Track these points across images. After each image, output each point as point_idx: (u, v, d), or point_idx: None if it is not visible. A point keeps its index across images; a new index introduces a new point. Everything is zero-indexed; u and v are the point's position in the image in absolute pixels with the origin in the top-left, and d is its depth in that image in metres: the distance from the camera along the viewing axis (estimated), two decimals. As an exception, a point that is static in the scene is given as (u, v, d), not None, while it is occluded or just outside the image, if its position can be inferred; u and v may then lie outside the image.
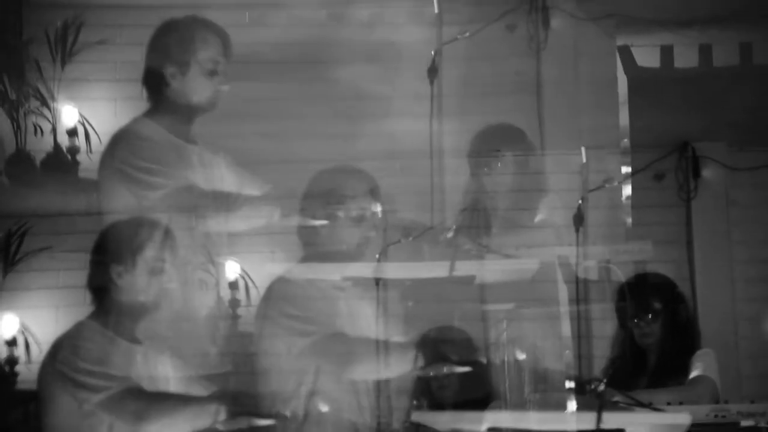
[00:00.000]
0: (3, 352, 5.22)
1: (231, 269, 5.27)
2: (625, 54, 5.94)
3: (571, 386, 3.42)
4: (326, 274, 3.91)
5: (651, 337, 4.45)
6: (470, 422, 3.56)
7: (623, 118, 5.82)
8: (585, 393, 3.43)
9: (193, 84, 4.01)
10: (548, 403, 3.49)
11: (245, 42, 4.23)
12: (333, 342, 3.78)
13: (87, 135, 5.44)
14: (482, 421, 3.49)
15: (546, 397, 3.52)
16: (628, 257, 4.36)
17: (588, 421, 3.27)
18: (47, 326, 5.11)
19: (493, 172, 4.67)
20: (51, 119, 5.47)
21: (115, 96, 5.48)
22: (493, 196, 4.65)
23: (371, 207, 3.93)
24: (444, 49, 4.81)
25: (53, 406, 3.54)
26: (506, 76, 5.67)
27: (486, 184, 4.68)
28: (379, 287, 3.70)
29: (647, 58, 6.01)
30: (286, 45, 5.45)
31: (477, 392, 3.83)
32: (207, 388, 3.73)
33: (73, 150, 5.41)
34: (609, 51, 5.83)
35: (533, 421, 3.49)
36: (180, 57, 3.99)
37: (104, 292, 3.67)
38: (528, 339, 3.66)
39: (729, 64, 5.99)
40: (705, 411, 3.69)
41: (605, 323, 4.48)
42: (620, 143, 5.76)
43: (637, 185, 5.86)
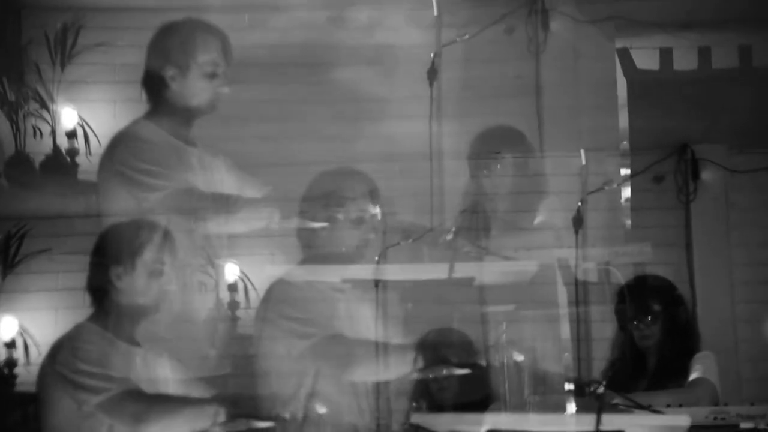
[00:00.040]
0: (2, 354, 5.22)
1: (230, 271, 5.27)
2: (625, 56, 5.94)
3: (571, 388, 3.42)
4: (326, 276, 3.91)
5: (650, 340, 4.44)
6: (470, 424, 3.56)
7: (622, 121, 5.82)
8: (584, 395, 3.43)
9: (193, 86, 4.00)
10: (548, 405, 3.49)
11: (245, 44, 4.23)
12: (332, 344, 3.78)
13: (86, 137, 5.44)
14: (482, 423, 3.50)
15: (545, 399, 3.53)
16: (628, 259, 4.35)
17: (587, 423, 3.27)
18: (46, 328, 5.11)
19: (493, 174, 4.67)
20: (50, 121, 5.47)
21: (115, 98, 5.48)
22: (493, 198, 4.65)
23: (371, 209, 3.92)
24: (443, 52, 4.82)
25: (52, 408, 3.54)
26: (506, 79, 5.68)
27: (485, 186, 4.67)
28: (379, 289, 3.70)
29: (646, 61, 6.01)
30: (286, 47, 5.44)
31: (476, 394, 3.83)
32: (206, 390, 3.73)
33: (73, 152, 5.42)
34: (608, 53, 5.83)
35: (533, 423, 3.49)
36: (180, 59, 3.99)
37: (103, 294, 3.66)
38: (527, 341, 3.66)
39: (728, 67, 5.98)
40: (704, 413, 3.69)
41: (605, 325, 4.48)
42: (619, 145, 5.76)
43: (637, 187, 5.85)
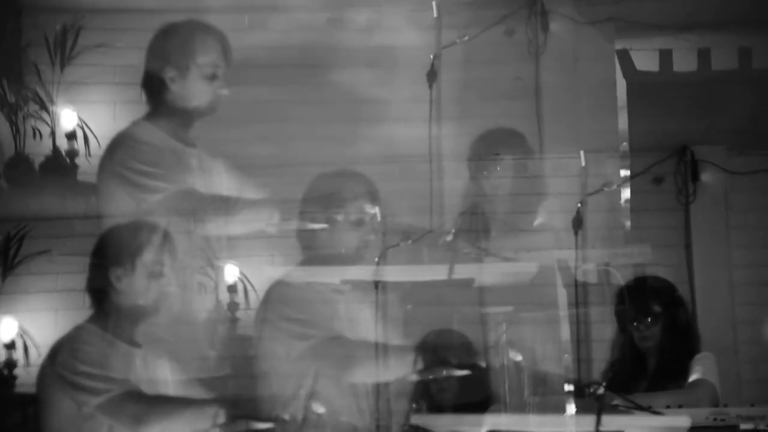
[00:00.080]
0: (2, 356, 5.22)
1: (230, 272, 5.27)
2: (624, 58, 5.93)
3: (571, 389, 3.42)
4: (325, 278, 3.91)
5: (650, 341, 4.44)
6: (470, 425, 3.57)
7: (622, 122, 5.82)
8: (584, 396, 3.43)
9: (193, 88, 4.00)
10: (547, 406, 3.49)
11: (244, 46, 4.23)
12: (332, 345, 3.78)
13: (86, 138, 5.44)
14: (482, 424, 3.50)
15: (545, 400, 3.53)
16: (627, 260, 4.35)
17: (587, 424, 3.27)
18: (46, 329, 5.10)
19: (493, 176, 4.67)
20: (50, 123, 5.47)
21: (114, 99, 5.48)
22: (492, 200, 4.65)
23: (370, 210, 3.92)
24: (443, 53, 4.82)
25: (52, 409, 3.54)
26: (505, 80, 5.68)
27: (485, 188, 4.68)
28: (379, 290, 3.70)
29: (646, 62, 6.01)
30: (286, 49, 5.44)
31: (476, 395, 3.83)
32: (206, 392, 3.73)
33: (72, 153, 5.41)
34: (608, 55, 5.83)
35: (532, 424, 3.49)
36: (180, 61, 3.99)
37: (103, 296, 3.67)
38: (527, 342, 3.66)
39: (728, 68, 5.97)
40: (704, 414, 3.69)
41: (604, 326, 4.48)
42: (619, 147, 5.76)
43: (636, 189, 5.85)
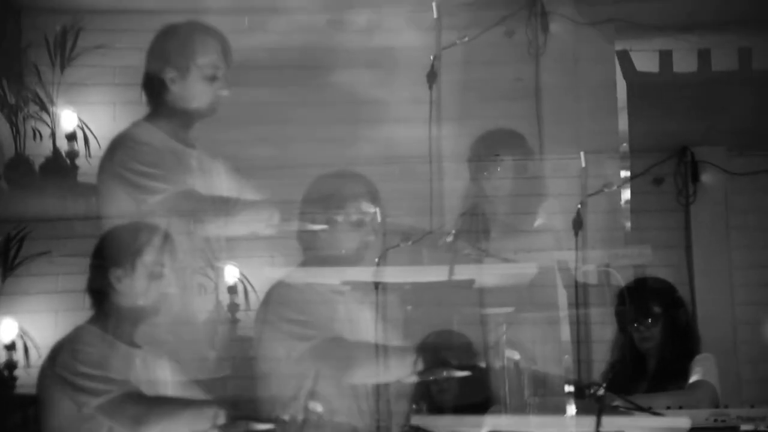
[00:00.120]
0: (2, 357, 5.22)
1: (230, 273, 5.27)
2: (624, 59, 5.93)
3: (571, 390, 3.42)
4: (326, 279, 3.90)
5: (651, 342, 4.44)
6: (470, 426, 3.57)
7: (622, 123, 5.82)
8: (584, 397, 3.43)
9: (193, 89, 4.00)
10: (548, 407, 3.49)
11: (244, 47, 4.23)
12: (332, 346, 3.78)
13: (86, 139, 5.44)
14: (482, 425, 3.50)
15: (545, 401, 3.53)
16: (627, 261, 4.36)
17: (587, 425, 3.27)
18: (46, 330, 5.11)
19: (493, 177, 4.67)
20: (50, 124, 5.47)
21: (114, 100, 5.49)
22: (493, 201, 4.66)
23: (370, 211, 3.92)
24: (443, 54, 4.83)
25: (52, 410, 3.54)
26: (505, 81, 5.68)
27: (485, 189, 4.68)
28: (379, 291, 3.70)
29: (646, 63, 6.01)
30: (286, 50, 5.44)
31: (476, 396, 3.83)
32: (206, 393, 3.72)
33: (72, 154, 5.41)
34: (608, 56, 5.83)
35: (533, 425, 3.50)
36: (180, 62, 3.99)
37: (103, 297, 3.67)
38: (527, 343, 3.66)
39: (728, 69, 5.97)
40: (705, 415, 3.69)
41: (605, 327, 4.48)
42: (619, 148, 5.76)
43: (636, 190, 5.85)
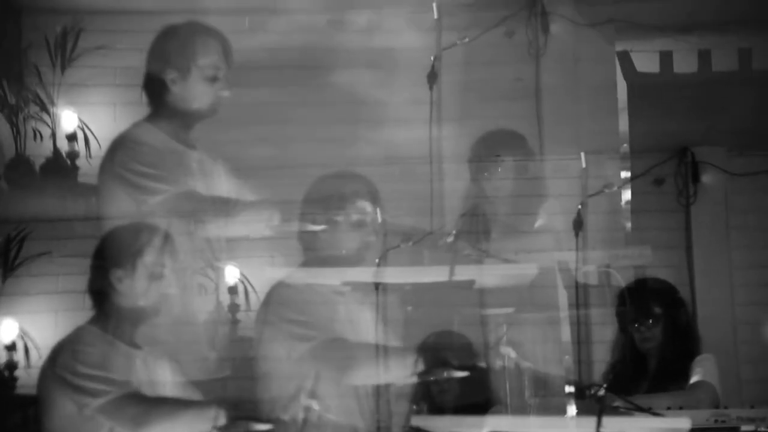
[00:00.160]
0: (2, 357, 5.22)
1: (230, 274, 5.27)
2: (625, 59, 5.94)
3: (571, 391, 3.42)
4: (326, 279, 3.90)
5: (651, 342, 4.44)
6: (470, 426, 3.57)
7: (623, 124, 5.82)
8: (585, 397, 3.43)
9: (194, 89, 4.00)
10: (548, 408, 3.49)
11: (245, 48, 4.23)
12: (333, 347, 3.78)
13: (86, 140, 5.44)
14: (482, 426, 3.50)
15: (546, 402, 3.53)
16: (628, 262, 4.36)
17: (588, 426, 3.27)
18: (46, 331, 5.11)
19: (493, 177, 4.68)
20: (50, 124, 5.47)
21: (115, 101, 5.49)
22: (493, 201, 4.66)
23: (371, 212, 3.92)
24: (443, 55, 4.83)
25: (53, 411, 3.54)
26: (506, 82, 5.68)
27: (486, 189, 4.69)
28: (379, 292, 3.70)
29: (646, 64, 6.01)
30: (286, 51, 5.44)
31: (477, 397, 3.83)
32: (206, 393, 3.72)
33: (73, 155, 5.41)
34: (608, 56, 5.83)
35: (533, 426, 3.50)
36: (181, 62, 3.99)
37: (104, 297, 3.67)
38: (528, 344, 3.66)
39: (728, 70, 5.98)
40: (705, 416, 3.70)
41: (605, 328, 4.48)
42: (620, 148, 5.76)
43: (637, 190, 5.85)
